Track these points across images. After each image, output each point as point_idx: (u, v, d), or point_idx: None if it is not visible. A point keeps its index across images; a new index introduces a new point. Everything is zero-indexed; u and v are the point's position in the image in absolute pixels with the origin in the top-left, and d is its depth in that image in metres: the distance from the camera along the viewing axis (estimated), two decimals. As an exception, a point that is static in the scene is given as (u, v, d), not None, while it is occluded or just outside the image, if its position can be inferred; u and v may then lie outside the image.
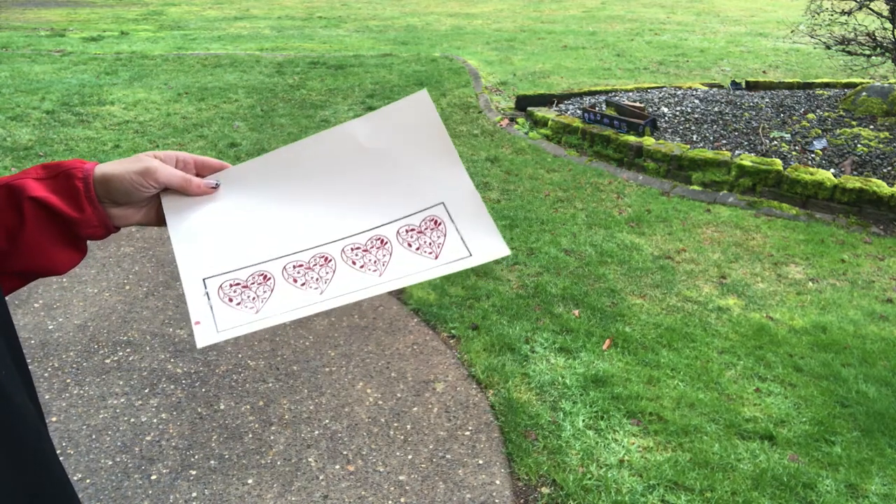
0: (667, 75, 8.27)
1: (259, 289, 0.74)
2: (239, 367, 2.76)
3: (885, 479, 2.25)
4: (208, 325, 0.72)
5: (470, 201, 0.78)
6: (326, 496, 2.15)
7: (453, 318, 3.10)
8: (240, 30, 11.84)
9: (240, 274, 0.74)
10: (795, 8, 12.31)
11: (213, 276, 0.74)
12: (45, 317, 3.09)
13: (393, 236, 0.76)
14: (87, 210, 0.68)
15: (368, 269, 0.75)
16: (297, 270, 0.74)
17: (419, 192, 0.78)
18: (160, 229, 4.00)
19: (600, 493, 2.16)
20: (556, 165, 5.23)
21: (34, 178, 0.67)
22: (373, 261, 0.75)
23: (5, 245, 0.65)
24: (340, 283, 0.74)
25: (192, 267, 0.74)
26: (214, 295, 0.73)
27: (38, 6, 14.94)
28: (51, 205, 0.66)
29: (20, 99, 6.75)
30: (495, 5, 15.55)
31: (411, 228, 0.76)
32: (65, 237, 0.68)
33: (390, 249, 0.75)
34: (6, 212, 0.65)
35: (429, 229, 0.76)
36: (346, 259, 0.75)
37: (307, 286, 0.74)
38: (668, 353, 2.89)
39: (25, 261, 0.67)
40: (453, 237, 0.76)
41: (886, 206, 4.21)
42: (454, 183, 0.78)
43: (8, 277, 0.67)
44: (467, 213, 0.77)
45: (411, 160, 0.79)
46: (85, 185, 0.68)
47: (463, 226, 0.76)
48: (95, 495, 2.13)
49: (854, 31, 5.98)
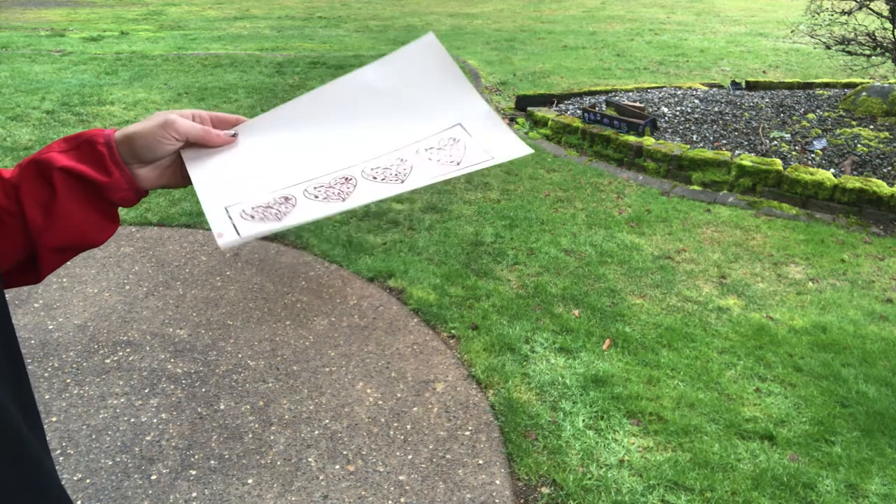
0: (667, 75, 8.27)
1: (281, 207, 0.74)
2: (239, 367, 2.76)
3: (885, 479, 2.25)
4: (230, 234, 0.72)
5: (486, 118, 0.79)
6: (326, 496, 2.15)
7: (453, 318, 3.10)
8: (240, 30, 11.84)
9: (262, 198, 0.75)
10: (795, 8, 12.32)
11: (234, 203, 0.74)
12: (45, 317, 3.09)
13: (412, 154, 0.77)
14: (114, 173, 0.69)
15: (389, 181, 0.75)
16: (319, 189, 0.75)
17: (435, 117, 0.79)
18: (160, 229, 3.99)
19: (600, 493, 2.16)
20: (556, 165, 5.22)
21: (59, 151, 0.69)
22: (394, 174, 0.76)
23: (41, 220, 0.66)
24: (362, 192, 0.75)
25: (213, 196, 0.75)
26: (237, 217, 0.74)
27: (38, 6, 14.94)
28: (80, 172, 0.67)
29: (20, 99, 6.75)
30: (495, 5, 15.55)
31: (430, 147, 0.78)
32: (97, 205, 0.70)
33: (411, 164, 0.76)
34: (38, 186, 0.67)
35: (448, 146, 0.78)
36: (366, 176, 0.76)
37: (328, 199, 0.74)
38: (668, 353, 2.89)
39: (62, 234, 0.68)
40: (473, 147, 0.77)
41: (886, 206, 4.21)
42: (469, 105, 0.80)
43: (48, 253, 0.68)
44: (484, 127, 0.79)
45: (426, 93, 0.80)
46: (109, 150, 0.69)
47: (482, 137, 0.78)
48: (95, 495, 2.13)
49: (854, 31, 5.98)
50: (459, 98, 0.80)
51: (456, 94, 0.80)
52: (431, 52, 0.81)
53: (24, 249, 0.67)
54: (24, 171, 0.67)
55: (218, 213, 0.73)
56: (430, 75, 0.81)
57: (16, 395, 0.65)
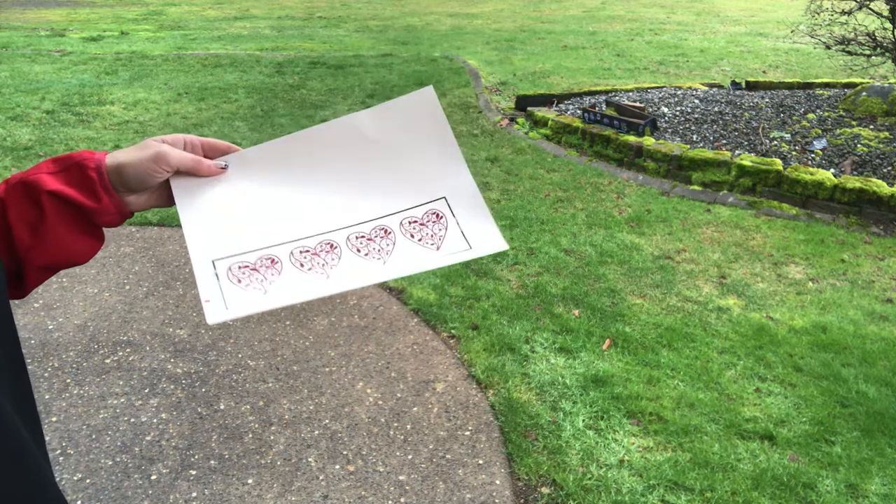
0: (667, 75, 8.27)
1: (267, 272, 0.76)
2: (239, 367, 2.76)
3: (885, 479, 2.25)
4: (218, 304, 0.75)
5: (470, 198, 0.81)
6: (326, 496, 2.15)
7: (453, 318, 3.10)
8: (240, 30, 11.84)
9: (248, 257, 0.77)
10: (795, 8, 12.32)
11: (222, 258, 0.77)
12: (45, 317, 3.09)
13: (396, 227, 0.79)
14: (103, 199, 0.70)
15: (373, 258, 0.77)
16: (304, 256, 0.77)
17: (422, 186, 0.81)
18: (160, 229, 4.00)
19: (600, 493, 2.16)
20: (556, 165, 5.23)
21: (48, 173, 0.69)
22: (377, 249, 0.78)
23: (29, 240, 0.67)
24: (345, 270, 0.77)
25: (201, 248, 0.77)
26: (224, 276, 0.76)
27: (38, 6, 14.94)
28: (68, 197, 0.68)
29: (20, 99, 6.75)
30: (495, 5, 15.55)
31: (414, 220, 0.79)
32: (83, 226, 0.70)
33: (393, 239, 0.78)
34: (26, 206, 0.67)
35: (430, 221, 0.79)
36: (350, 247, 0.78)
37: (314, 271, 0.76)
38: (668, 353, 2.89)
39: (49, 253, 0.69)
40: (454, 231, 0.79)
41: (886, 206, 4.21)
42: (456, 179, 0.81)
43: (34, 271, 0.69)
44: (468, 209, 0.80)
45: (415, 154, 0.82)
46: (99, 175, 0.69)
47: (463, 220, 0.80)
48: (95, 495, 2.13)
49: (854, 31, 5.98)
50: (448, 166, 0.82)
51: (445, 160, 0.82)
52: (428, 108, 0.82)
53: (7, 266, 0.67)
54: (12, 190, 0.67)
55: (205, 271, 0.76)
56: (423, 135, 0.82)
57: (15, 396, 0.65)
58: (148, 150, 0.72)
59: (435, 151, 0.82)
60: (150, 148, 0.72)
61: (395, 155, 0.82)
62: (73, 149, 5.36)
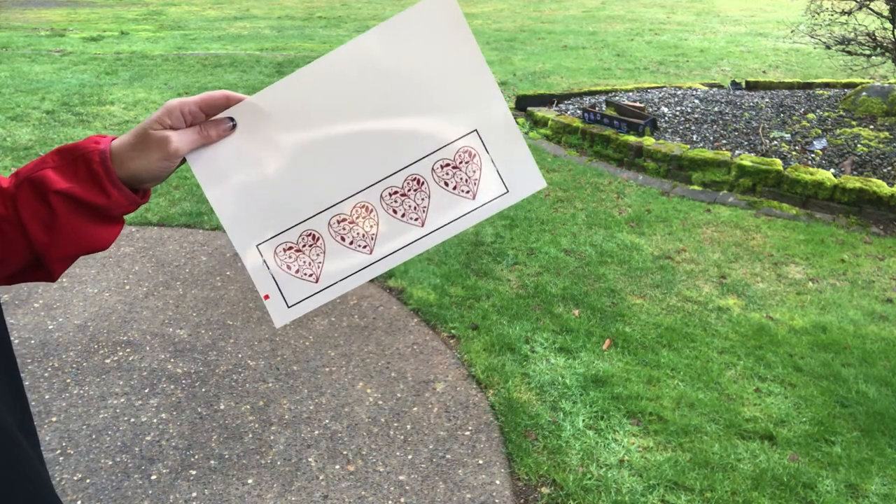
0: (667, 75, 8.27)
1: (311, 252, 0.75)
2: (239, 367, 2.76)
3: (885, 479, 2.25)
4: (278, 301, 0.74)
5: (503, 125, 0.75)
6: (326, 496, 2.15)
7: (453, 318, 3.10)
8: (240, 30, 11.84)
9: (289, 235, 0.75)
10: (795, 8, 12.31)
11: (264, 241, 0.75)
12: (45, 317, 3.09)
13: (428, 174, 0.75)
14: (112, 194, 0.67)
15: (410, 219, 0.75)
16: (343, 226, 0.75)
17: (450, 118, 0.74)
18: (160, 229, 4.00)
19: (600, 493, 2.16)
20: (556, 165, 5.23)
21: (52, 168, 0.66)
22: (412, 207, 0.75)
23: (44, 237, 0.66)
24: (386, 240, 0.75)
25: (242, 235, 0.75)
26: (272, 263, 0.75)
27: (38, 6, 14.94)
28: (76, 196, 0.66)
29: (20, 99, 6.75)
30: (495, 5, 15.55)
31: (446, 163, 0.75)
32: (98, 219, 0.69)
33: (427, 191, 0.75)
34: (36, 205, 0.65)
35: (463, 163, 0.75)
36: (386, 207, 0.75)
37: (355, 245, 0.75)
38: (668, 353, 2.89)
39: (68, 247, 0.67)
40: (489, 170, 0.75)
41: (886, 206, 4.21)
42: (487, 105, 0.74)
43: (56, 262, 0.68)
44: (502, 142, 0.75)
45: (438, 80, 0.73)
46: (105, 169, 0.67)
47: (498, 156, 0.75)
48: (95, 495, 2.13)
49: (854, 31, 5.98)
50: (477, 89, 0.74)
51: (472, 83, 0.74)
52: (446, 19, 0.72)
53: (27, 254, 0.66)
54: (21, 186, 0.66)
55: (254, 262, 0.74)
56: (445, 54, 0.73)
57: (10, 400, 0.64)
58: (152, 147, 0.68)
59: (460, 73, 0.73)
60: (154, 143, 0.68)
61: (414, 83, 0.73)
62: (73, 149, 5.35)
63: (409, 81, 0.73)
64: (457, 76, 0.73)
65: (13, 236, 0.65)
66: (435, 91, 0.74)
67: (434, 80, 0.73)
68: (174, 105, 0.70)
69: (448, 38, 0.73)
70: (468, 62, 0.73)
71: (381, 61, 0.73)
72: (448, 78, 0.73)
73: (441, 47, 0.73)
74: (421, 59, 0.73)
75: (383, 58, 0.73)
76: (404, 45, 0.73)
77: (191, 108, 0.71)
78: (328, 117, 0.74)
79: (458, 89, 0.74)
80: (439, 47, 0.73)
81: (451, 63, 0.73)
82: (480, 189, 0.75)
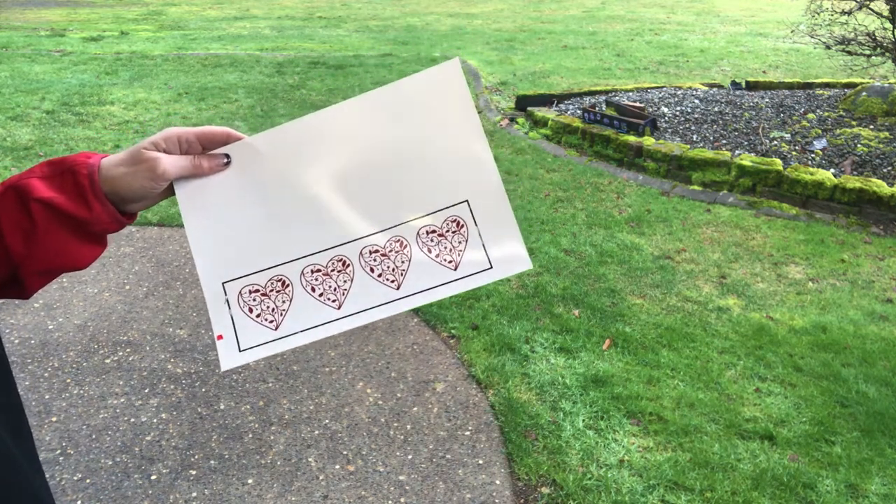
0: (667, 75, 8.27)
1: (278, 297, 0.72)
2: (239, 367, 2.76)
3: (885, 479, 2.25)
4: (230, 343, 0.72)
5: (495, 201, 0.74)
6: (326, 496, 2.15)
7: (453, 318, 3.10)
8: (240, 30, 11.84)
9: (259, 278, 0.73)
10: (795, 8, 12.31)
11: (232, 279, 0.73)
12: (45, 317, 3.09)
13: (413, 239, 0.73)
14: (95, 208, 0.66)
15: (386, 280, 0.72)
16: (315, 277, 0.73)
17: (444, 185, 0.73)
18: (160, 229, 4.00)
19: (600, 493, 2.16)
20: (556, 165, 5.22)
21: (39, 177, 0.65)
22: (391, 269, 0.73)
23: (22, 247, 0.64)
24: (358, 298, 0.72)
25: (210, 269, 0.73)
26: (234, 304, 0.72)
27: (38, 6, 14.94)
28: (57, 206, 0.64)
29: (20, 99, 6.75)
30: (495, 5, 15.55)
31: (432, 230, 0.73)
32: (78, 234, 0.67)
33: (409, 255, 0.73)
34: (18, 214, 0.64)
35: (450, 232, 0.73)
36: (363, 265, 0.73)
37: (325, 297, 0.72)
38: (668, 353, 2.89)
39: (44, 260, 0.66)
40: (475, 243, 0.73)
41: (886, 206, 4.21)
42: (480, 177, 0.74)
43: (32, 276, 0.66)
44: (492, 216, 0.73)
45: (435, 144, 0.73)
46: (91, 182, 0.65)
47: (486, 229, 0.73)
48: (95, 495, 2.13)
49: (854, 31, 5.98)
50: (472, 159, 0.74)
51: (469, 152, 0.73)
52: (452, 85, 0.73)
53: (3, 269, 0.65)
54: (5, 194, 0.64)
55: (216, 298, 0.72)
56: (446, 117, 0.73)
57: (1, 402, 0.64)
58: (141, 166, 0.66)
59: (457, 141, 0.73)
60: (144, 162, 0.67)
61: (413, 144, 0.73)
62: (73, 149, 5.36)
63: (408, 144, 0.73)
64: (455, 145, 0.73)
65: None
66: (431, 157, 0.73)
67: (432, 146, 0.73)
68: (172, 132, 0.69)
69: (450, 107, 0.73)
70: (468, 132, 0.74)
71: (382, 121, 0.73)
72: (446, 146, 0.73)
73: (442, 115, 0.73)
74: (421, 124, 0.73)
75: (385, 118, 0.73)
76: (407, 108, 0.73)
77: (188, 138, 0.70)
78: (322, 169, 0.73)
79: (455, 158, 0.73)
80: (441, 115, 0.73)
81: (450, 131, 0.73)
82: (463, 261, 0.73)
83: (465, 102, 0.74)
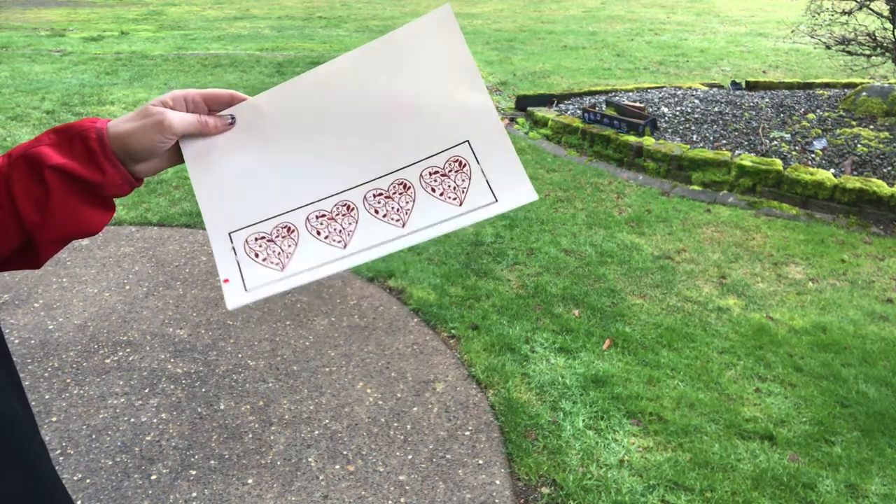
0: (667, 75, 8.27)
1: (283, 242, 0.74)
2: (239, 367, 2.76)
3: (885, 479, 2.25)
4: (237, 284, 0.73)
5: (495, 138, 0.74)
6: (326, 496, 2.15)
7: (453, 318, 3.10)
8: (240, 30, 11.84)
9: (264, 226, 0.75)
10: (795, 8, 12.31)
11: (238, 229, 0.75)
12: (45, 317, 3.09)
13: (416, 180, 0.74)
14: (108, 171, 0.67)
15: (391, 219, 0.74)
16: (320, 221, 0.74)
17: (443, 129, 0.74)
18: (160, 229, 3.99)
19: (600, 493, 2.16)
20: (556, 165, 5.23)
21: (49, 145, 0.66)
22: (395, 209, 0.74)
23: (37, 217, 0.65)
24: (363, 236, 0.73)
25: (217, 220, 0.75)
26: (241, 250, 0.74)
27: (38, 6, 14.94)
28: (72, 171, 0.65)
29: (20, 99, 6.75)
30: (495, 5, 15.55)
31: (435, 171, 0.74)
32: (91, 199, 0.68)
33: (413, 196, 0.74)
34: (30, 183, 0.65)
35: (453, 171, 0.74)
36: (368, 207, 0.74)
37: (330, 239, 0.74)
38: (668, 353, 2.89)
39: (58, 228, 0.67)
40: (478, 180, 0.73)
41: (886, 206, 4.21)
42: (479, 117, 0.74)
43: (46, 245, 0.67)
44: (493, 152, 0.74)
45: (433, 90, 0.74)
46: (101, 146, 0.67)
47: (488, 167, 0.74)
48: (95, 495, 2.13)
49: (854, 31, 5.98)
50: (470, 99, 0.74)
51: (466, 95, 0.74)
52: (445, 31, 0.74)
53: (18, 238, 0.66)
54: (15, 164, 0.65)
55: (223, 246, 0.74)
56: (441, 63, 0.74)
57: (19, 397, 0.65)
58: (149, 119, 0.69)
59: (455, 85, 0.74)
60: (152, 116, 0.69)
61: (410, 92, 0.74)
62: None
63: (405, 92, 0.75)
64: (452, 88, 0.75)
65: (6, 221, 0.64)
66: (429, 103, 0.75)
67: (429, 92, 0.75)
68: (179, 92, 0.72)
69: (445, 52, 0.74)
70: (463, 75, 0.75)
71: (380, 71, 0.75)
72: (443, 90, 0.74)
73: (438, 60, 0.75)
74: (418, 71, 0.75)
75: (382, 68, 0.75)
76: (404, 57, 0.75)
77: (195, 98, 0.73)
78: (323, 121, 0.75)
79: (453, 101, 0.75)
80: (436, 60, 0.74)
81: (446, 76, 0.74)
82: (468, 197, 0.74)
83: (460, 46, 0.74)
